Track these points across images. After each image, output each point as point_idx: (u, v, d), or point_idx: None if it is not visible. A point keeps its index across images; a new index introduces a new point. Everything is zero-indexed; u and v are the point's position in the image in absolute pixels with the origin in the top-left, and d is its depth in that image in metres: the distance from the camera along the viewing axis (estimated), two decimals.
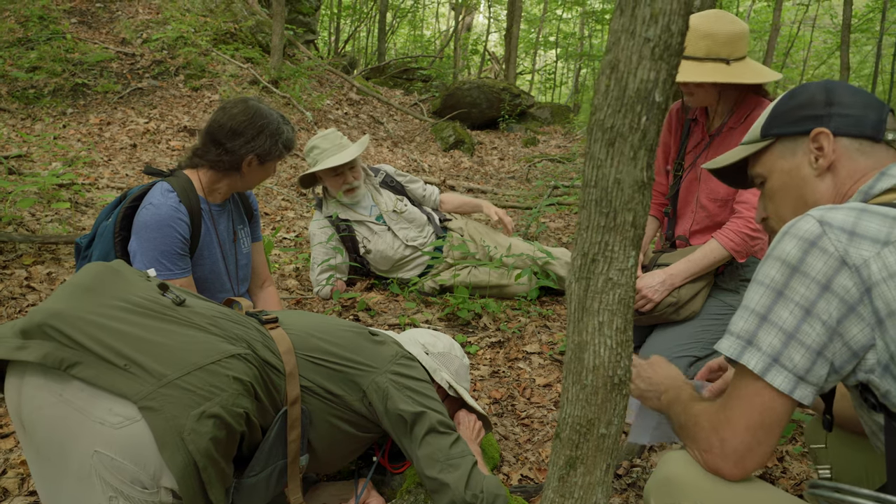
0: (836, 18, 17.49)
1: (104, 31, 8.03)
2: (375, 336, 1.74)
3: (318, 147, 3.26)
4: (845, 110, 1.21)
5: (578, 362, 1.13)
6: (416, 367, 1.72)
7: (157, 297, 1.42)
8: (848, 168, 1.20)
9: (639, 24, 0.98)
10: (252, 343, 1.47)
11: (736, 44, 2.23)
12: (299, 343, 1.59)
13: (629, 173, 1.04)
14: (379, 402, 1.61)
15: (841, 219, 1.04)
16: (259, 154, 2.13)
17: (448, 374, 1.91)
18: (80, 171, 4.89)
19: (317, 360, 1.59)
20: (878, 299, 1.00)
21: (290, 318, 1.70)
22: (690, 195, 2.53)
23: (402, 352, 1.74)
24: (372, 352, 1.67)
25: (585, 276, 1.11)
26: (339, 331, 1.69)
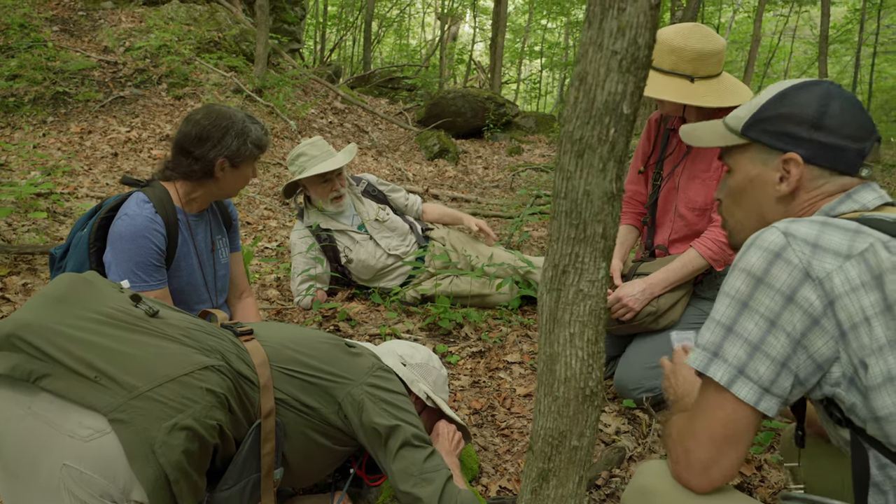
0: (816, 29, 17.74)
1: (86, 40, 7.98)
2: (352, 348, 1.72)
3: (305, 154, 3.23)
4: (828, 139, 1.16)
5: (550, 374, 1.13)
6: (393, 380, 1.71)
7: (130, 309, 1.40)
8: (808, 194, 1.19)
9: (606, 36, 0.98)
10: (226, 354, 1.46)
11: (703, 61, 2.23)
12: (274, 355, 1.58)
13: (598, 185, 1.04)
14: (354, 415, 1.60)
15: (804, 231, 1.05)
16: (229, 156, 2.10)
17: (426, 385, 1.89)
18: (60, 181, 4.84)
19: (292, 373, 1.57)
20: (841, 312, 1.00)
21: (265, 329, 1.68)
22: (669, 204, 2.55)
23: (379, 364, 1.73)
24: (348, 364, 1.66)
25: (556, 288, 1.11)
26: (315, 342, 1.67)
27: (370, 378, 1.65)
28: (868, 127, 1.17)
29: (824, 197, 1.17)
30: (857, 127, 1.16)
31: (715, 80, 2.30)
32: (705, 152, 2.40)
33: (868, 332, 0.99)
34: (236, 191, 2.23)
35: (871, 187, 1.16)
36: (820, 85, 1.21)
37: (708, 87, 2.26)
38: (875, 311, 0.99)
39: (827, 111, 1.17)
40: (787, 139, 1.19)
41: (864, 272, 0.99)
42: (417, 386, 1.85)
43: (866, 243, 1.01)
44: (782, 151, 1.19)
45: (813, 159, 1.17)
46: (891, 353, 0.99)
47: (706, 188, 2.40)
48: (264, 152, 2.24)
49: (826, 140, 1.16)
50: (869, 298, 0.99)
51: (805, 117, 1.18)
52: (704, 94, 2.23)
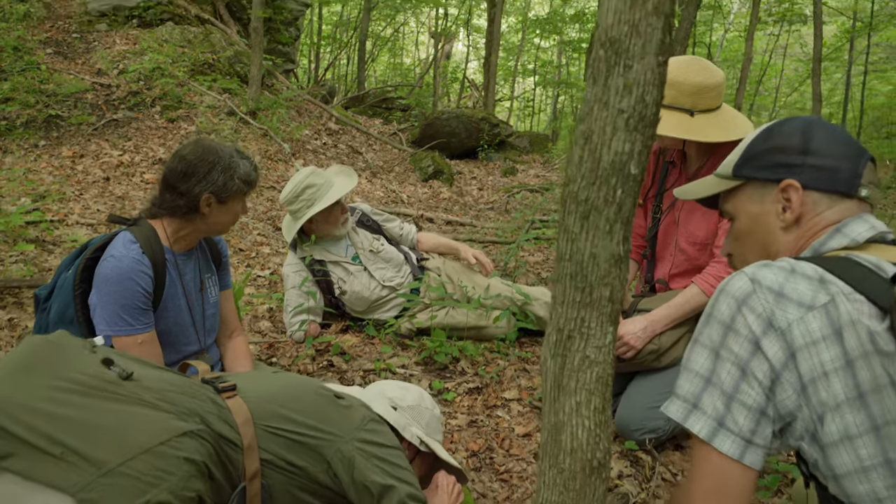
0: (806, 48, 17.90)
1: (80, 62, 7.95)
2: (341, 400, 1.65)
3: (314, 184, 3.11)
4: (820, 161, 1.16)
5: (555, 444, 1.07)
6: (385, 432, 1.64)
7: (101, 373, 1.31)
8: (812, 222, 1.17)
9: (612, 94, 0.94)
10: (206, 416, 1.38)
11: (703, 95, 2.20)
12: (258, 412, 1.50)
13: (605, 247, 0.99)
14: (344, 473, 1.52)
15: (770, 279, 1.03)
16: (214, 192, 2.03)
17: (419, 429, 1.83)
18: (50, 207, 4.77)
19: (277, 431, 1.49)
20: (803, 364, 0.99)
21: (249, 382, 1.60)
22: (669, 238, 2.50)
23: (370, 415, 1.66)
24: (337, 418, 1.58)
25: (561, 354, 1.05)
26: (302, 395, 1.60)
27: (361, 433, 1.57)
28: (857, 147, 1.18)
29: (823, 227, 1.15)
30: (846, 147, 1.16)
31: (715, 114, 2.26)
32: None
33: (826, 387, 0.97)
34: (225, 227, 2.16)
35: (863, 219, 1.14)
36: (800, 118, 1.24)
37: (708, 121, 2.22)
38: (834, 366, 0.97)
39: (812, 136, 1.18)
40: (781, 169, 1.19)
41: (826, 325, 0.98)
42: (410, 431, 1.79)
43: (828, 295, 0.99)
44: (778, 182, 1.18)
45: (810, 183, 1.16)
46: (848, 411, 0.96)
47: (707, 222, 2.36)
48: (253, 188, 2.16)
49: (818, 163, 1.16)
50: (829, 353, 0.97)
51: (793, 145, 1.18)
52: (705, 128, 2.19)
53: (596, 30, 0.96)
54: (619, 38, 0.92)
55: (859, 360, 0.96)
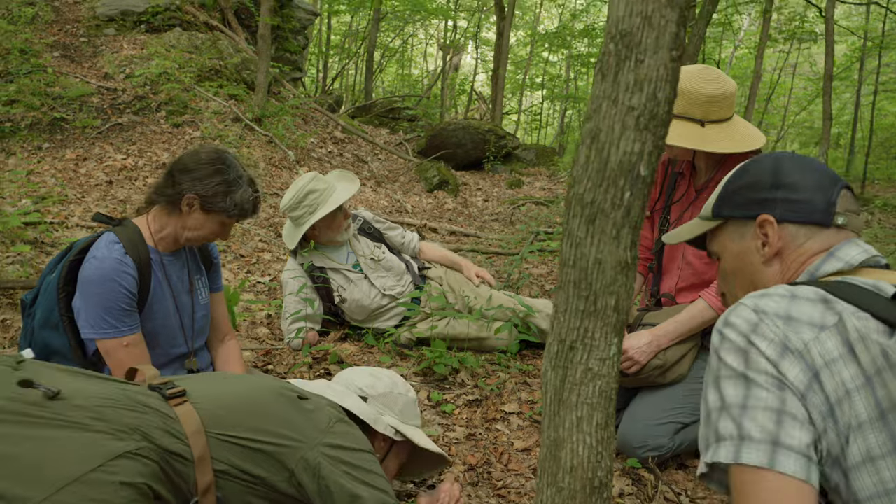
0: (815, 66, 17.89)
1: (87, 66, 7.96)
2: (304, 401, 1.52)
3: (315, 190, 3.05)
4: (793, 194, 1.16)
5: (554, 461, 1.01)
6: (353, 433, 1.53)
7: (20, 394, 1.18)
8: (795, 253, 1.16)
9: (622, 90, 0.89)
10: (148, 431, 1.26)
11: (714, 105, 2.15)
12: (211, 420, 1.37)
13: (611, 253, 0.93)
14: (310, 482, 1.41)
15: (773, 306, 1.00)
16: (202, 195, 1.96)
17: (393, 417, 1.74)
18: (50, 209, 4.74)
19: (232, 439, 1.37)
20: (827, 385, 0.94)
21: (202, 387, 1.48)
22: (676, 251, 2.44)
23: (337, 416, 1.53)
24: (300, 422, 1.46)
25: (563, 365, 0.99)
26: (262, 398, 1.48)
27: (327, 437, 1.46)
28: (830, 176, 1.19)
29: (810, 256, 1.15)
30: (819, 178, 1.18)
31: (726, 124, 2.21)
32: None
33: (850, 406, 0.93)
34: (199, 239, 2.06)
35: (854, 243, 1.13)
36: (773, 153, 1.27)
37: (720, 132, 2.16)
38: (855, 384, 0.94)
39: (782, 170, 1.20)
40: (755, 205, 1.21)
41: (840, 344, 0.96)
42: (382, 422, 1.69)
43: (836, 315, 0.97)
44: (754, 218, 1.19)
45: (785, 216, 1.17)
46: (871, 431, 0.92)
47: None
48: (242, 218, 2.08)
49: (791, 196, 1.17)
50: (848, 371, 0.94)
51: (764, 181, 1.20)
52: (716, 139, 2.14)
53: (606, 22, 0.91)
54: (631, 30, 0.87)
55: (875, 377, 0.93)
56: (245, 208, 2.04)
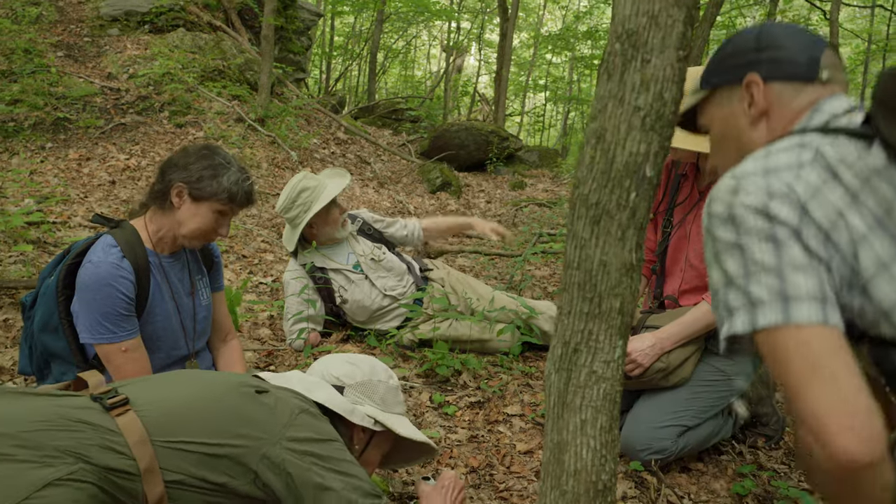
0: None
1: (90, 66, 7.96)
2: (263, 395, 1.42)
3: (308, 188, 3.06)
4: (777, 53, 1.18)
5: (558, 465, 1.00)
6: (318, 425, 1.44)
7: None
8: (781, 112, 1.17)
9: (628, 90, 0.88)
10: (84, 451, 1.17)
11: None
12: (158, 427, 1.28)
13: (616, 255, 0.92)
14: (276, 480, 1.32)
15: (750, 166, 1.02)
16: (188, 183, 1.92)
17: (372, 406, 1.66)
18: (53, 209, 4.74)
19: (184, 447, 1.28)
20: (816, 213, 0.96)
21: (149, 392, 1.39)
22: (679, 253, 2.43)
23: (300, 406, 1.44)
24: (261, 418, 1.37)
25: (566, 368, 0.98)
26: (215, 397, 1.39)
27: (289, 430, 1.37)
28: (813, 35, 1.21)
29: (797, 113, 1.16)
30: (800, 35, 1.20)
31: None
32: None
33: (846, 225, 0.95)
34: (195, 233, 1.99)
35: (837, 97, 1.14)
36: (755, 25, 1.29)
37: None
38: (845, 202, 0.96)
39: (763, 32, 1.22)
40: (739, 68, 1.21)
41: (821, 172, 0.98)
42: (359, 413, 1.60)
43: (811, 150, 1.00)
44: (740, 81, 1.20)
45: (770, 75, 1.18)
46: (875, 239, 0.94)
47: None
48: (236, 205, 2.00)
49: (775, 55, 1.18)
50: (835, 194, 0.97)
51: (748, 45, 1.22)
52: None
53: (612, 22, 0.90)
54: (637, 30, 0.86)
55: (862, 189, 0.96)
56: (234, 191, 1.96)
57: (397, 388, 1.77)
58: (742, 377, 2.30)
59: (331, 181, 3.14)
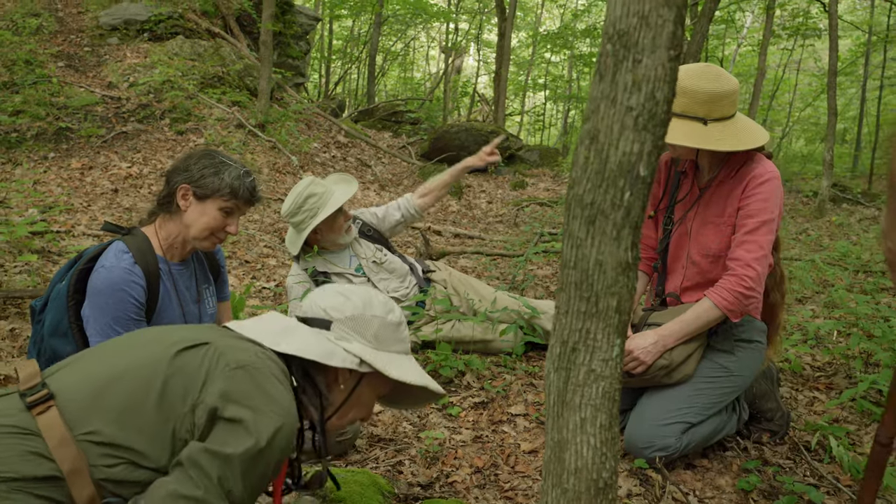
0: (820, 62, 17.82)
1: (91, 75, 8.00)
2: (192, 351, 1.26)
3: (315, 194, 3.04)
4: None
5: (559, 463, 1.01)
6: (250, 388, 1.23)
7: None
8: None
9: (620, 91, 0.88)
10: (3, 464, 1.08)
11: (716, 103, 2.14)
12: (80, 419, 1.17)
13: (612, 254, 0.93)
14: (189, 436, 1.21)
15: None
16: (192, 182, 1.94)
17: (361, 344, 1.44)
18: (56, 218, 4.76)
19: (106, 439, 1.18)
20: None
21: (76, 372, 1.26)
22: (681, 250, 2.44)
23: (240, 361, 1.25)
24: (185, 378, 1.22)
25: (565, 367, 0.99)
26: (143, 369, 1.24)
27: (214, 384, 1.21)
28: None
29: None
30: None
31: (729, 122, 2.20)
32: (718, 197, 2.29)
33: None
34: (202, 232, 1.98)
35: None
36: None
37: (723, 130, 2.16)
38: None
39: None
40: None
41: None
42: (339, 355, 1.39)
43: None
44: None
45: None
46: None
47: (720, 234, 2.29)
48: (240, 201, 2.01)
49: None
50: None
51: None
52: (720, 138, 2.13)
53: (604, 23, 0.91)
54: (628, 30, 0.86)
55: None
56: (236, 185, 1.97)
57: (398, 325, 1.53)
58: (745, 373, 2.30)
59: (338, 188, 3.14)
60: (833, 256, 5.42)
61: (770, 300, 2.39)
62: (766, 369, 2.53)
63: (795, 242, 6.62)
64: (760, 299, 2.27)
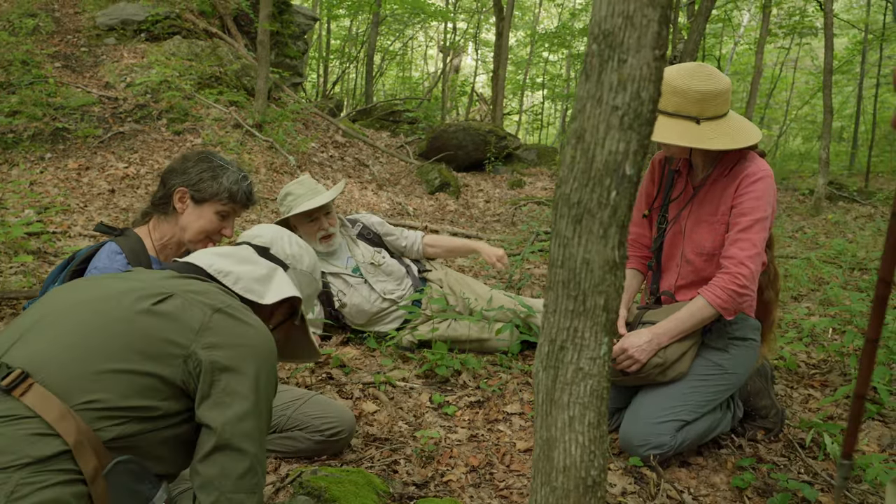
0: (817, 60, 17.83)
1: (88, 75, 7.99)
2: (163, 304, 1.27)
3: (292, 193, 3.15)
4: None
5: (547, 461, 1.01)
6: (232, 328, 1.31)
7: None
8: None
9: (606, 90, 0.89)
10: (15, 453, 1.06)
11: (709, 102, 2.14)
12: (72, 390, 1.15)
13: (599, 253, 0.93)
14: (202, 383, 1.23)
15: None
16: (190, 185, 1.96)
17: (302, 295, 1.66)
18: (53, 219, 4.76)
19: (104, 405, 1.17)
20: None
21: (36, 343, 1.22)
22: (675, 249, 2.44)
23: (213, 305, 1.31)
24: (170, 331, 1.24)
25: (553, 365, 1.00)
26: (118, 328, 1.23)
27: (205, 337, 1.25)
28: None
29: None
30: None
31: (722, 121, 2.20)
32: (712, 196, 2.30)
33: None
34: (197, 235, 2.01)
35: None
36: None
37: (716, 129, 2.16)
38: None
39: None
40: None
41: None
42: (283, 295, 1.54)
43: None
44: None
45: None
46: None
47: (713, 233, 2.30)
48: (237, 204, 2.04)
49: None
50: None
51: None
52: (713, 137, 2.14)
53: (590, 23, 0.91)
54: (613, 30, 0.87)
55: None
56: (234, 190, 1.99)
57: (319, 292, 1.80)
58: (739, 371, 2.31)
59: (314, 196, 3.15)
60: (828, 254, 5.43)
61: (764, 298, 2.40)
62: (761, 367, 2.54)
63: (791, 240, 6.63)
64: (754, 297, 2.27)
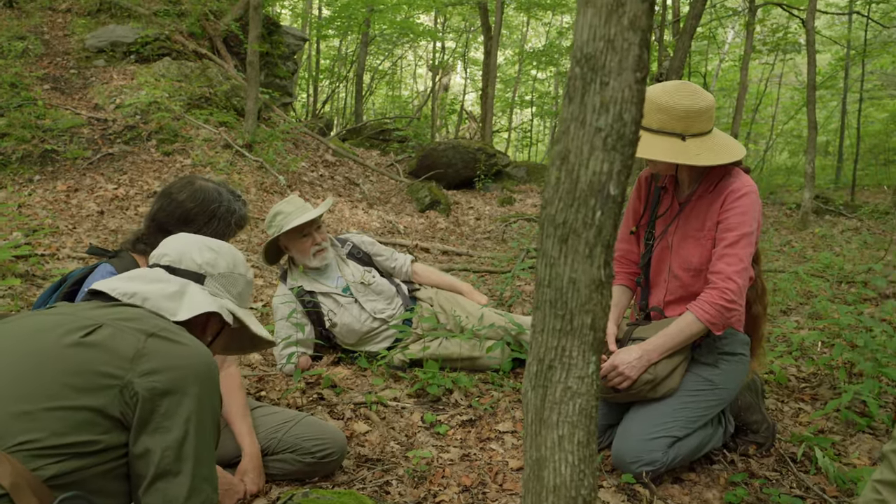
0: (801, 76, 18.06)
1: (77, 97, 8.00)
2: (92, 336, 1.24)
3: (282, 212, 3.15)
4: None
5: (537, 481, 1.01)
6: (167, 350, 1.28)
7: None
8: None
9: (589, 112, 0.90)
10: None
11: (693, 119, 2.18)
12: (2, 434, 1.12)
13: (585, 272, 0.94)
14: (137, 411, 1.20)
15: None
16: None
17: (230, 300, 1.58)
18: (41, 241, 4.74)
19: (40, 444, 1.13)
20: None
21: None
22: (662, 264, 2.46)
23: (146, 330, 1.28)
24: (103, 362, 1.21)
25: (542, 385, 1.00)
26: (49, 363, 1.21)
27: (140, 365, 1.22)
28: None
29: None
30: None
31: (707, 137, 2.23)
32: (698, 211, 2.32)
33: None
34: None
35: None
36: None
37: (701, 145, 2.19)
38: None
39: None
40: None
41: None
42: (225, 311, 1.51)
43: None
44: None
45: None
46: None
47: (700, 248, 2.32)
48: (243, 230, 2.15)
49: None
50: None
51: None
52: (698, 153, 2.16)
53: (572, 47, 0.93)
54: (595, 54, 0.88)
55: None
56: (244, 222, 2.11)
57: (252, 282, 1.69)
58: (730, 385, 2.32)
59: (303, 213, 3.15)
60: (816, 268, 5.47)
61: (752, 312, 2.41)
62: (751, 381, 2.55)
63: (779, 254, 6.68)
64: (742, 312, 2.29)
